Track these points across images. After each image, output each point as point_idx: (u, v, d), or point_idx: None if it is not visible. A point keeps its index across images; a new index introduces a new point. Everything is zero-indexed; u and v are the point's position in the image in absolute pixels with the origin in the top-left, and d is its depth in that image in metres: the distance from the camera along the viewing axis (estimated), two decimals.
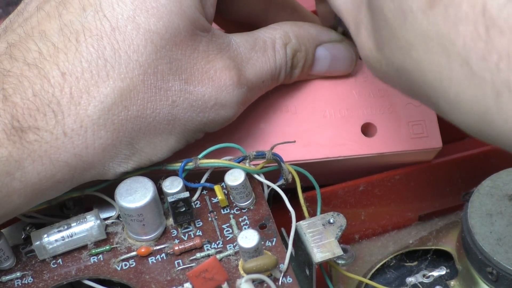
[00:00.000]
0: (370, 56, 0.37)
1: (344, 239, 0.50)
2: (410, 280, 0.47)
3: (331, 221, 0.41)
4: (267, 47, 0.44)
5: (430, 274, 0.47)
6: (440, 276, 0.47)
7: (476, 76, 0.28)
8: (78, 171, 0.39)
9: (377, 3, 0.34)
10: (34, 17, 0.40)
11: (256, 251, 0.38)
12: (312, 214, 0.43)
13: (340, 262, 0.49)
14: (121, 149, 0.40)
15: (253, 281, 0.38)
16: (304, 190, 0.43)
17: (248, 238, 0.38)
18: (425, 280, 0.47)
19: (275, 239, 0.41)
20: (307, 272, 0.41)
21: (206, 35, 0.41)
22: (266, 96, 0.47)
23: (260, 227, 0.42)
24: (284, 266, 0.39)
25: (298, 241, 0.41)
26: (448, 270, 0.47)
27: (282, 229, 0.44)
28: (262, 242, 0.40)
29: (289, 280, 0.39)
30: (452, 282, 0.46)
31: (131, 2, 0.39)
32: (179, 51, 0.40)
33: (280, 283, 0.39)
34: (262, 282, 0.38)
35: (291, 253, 0.41)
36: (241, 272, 0.39)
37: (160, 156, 0.42)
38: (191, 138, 0.43)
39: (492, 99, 0.28)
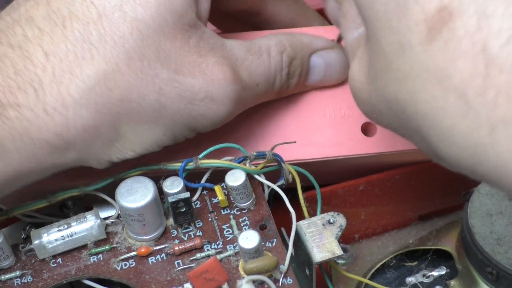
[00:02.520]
0: (360, 88, 0.37)
1: (344, 239, 0.50)
2: (410, 280, 0.47)
3: (331, 221, 0.41)
4: (262, 52, 0.44)
5: (430, 274, 0.47)
6: (440, 276, 0.47)
7: (472, 110, 0.29)
8: (60, 151, 0.39)
9: (375, 35, 0.34)
10: (22, 6, 0.40)
11: (256, 252, 0.38)
12: (312, 214, 0.43)
13: (340, 262, 0.49)
14: (103, 132, 0.39)
15: (254, 282, 0.38)
16: (304, 190, 0.43)
17: (249, 239, 0.38)
18: (425, 280, 0.47)
19: (275, 240, 0.41)
20: (307, 272, 0.41)
21: (196, 32, 0.41)
22: None
23: (260, 228, 0.42)
24: (284, 267, 0.39)
25: (298, 241, 0.41)
26: (448, 270, 0.47)
27: (282, 228, 0.44)
28: (263, 243, 0.40)
29: (289, 281, 0.39)
30: (452, 282, 0.46)
31: None
32: (167, 42, 0.40)
33: (280, 283, 0.39)
34: (262, 283, 0.38)
35: (291, 253, 0.41)
36: (242, 272, 0.39)
37: (145, 147, 0.41)
38: (179, 133, 0.42)
39: (487, 132, 0.29)
